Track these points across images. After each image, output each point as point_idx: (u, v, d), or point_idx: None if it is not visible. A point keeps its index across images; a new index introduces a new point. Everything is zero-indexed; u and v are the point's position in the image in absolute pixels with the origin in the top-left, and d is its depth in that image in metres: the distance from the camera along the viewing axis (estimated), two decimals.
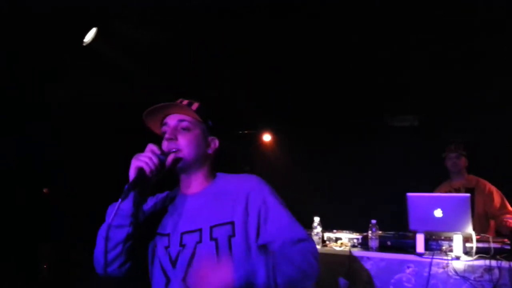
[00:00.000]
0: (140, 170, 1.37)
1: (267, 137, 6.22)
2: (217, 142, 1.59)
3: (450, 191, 3.83)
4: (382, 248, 3.11)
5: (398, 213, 3.91)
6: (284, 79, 4.70)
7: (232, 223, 1.44)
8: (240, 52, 4.06)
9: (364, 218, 3.25)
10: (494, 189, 3.73)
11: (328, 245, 3.31)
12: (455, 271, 2.78)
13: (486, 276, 2.70)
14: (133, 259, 1.48)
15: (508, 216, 3.50)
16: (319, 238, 3.28)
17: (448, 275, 2.79)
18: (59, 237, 4.38)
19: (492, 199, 3.69)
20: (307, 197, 4.97)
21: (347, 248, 3.18)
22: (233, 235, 1.43)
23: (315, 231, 3.28)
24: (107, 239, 1.40)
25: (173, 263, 1.45)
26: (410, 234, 3.11)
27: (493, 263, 2.70)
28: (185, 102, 1.55)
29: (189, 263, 1.42)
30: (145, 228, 1.51)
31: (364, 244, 3.24)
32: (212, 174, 1.60)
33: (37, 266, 4.16)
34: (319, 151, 5.48)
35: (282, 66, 4.41)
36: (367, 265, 3.03)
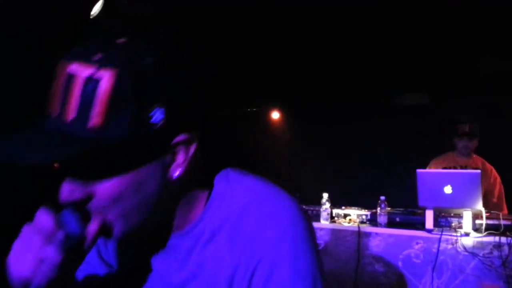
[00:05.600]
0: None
1: (275, 115, 6.19)
2: (191, 149, 0.70)
3: (455, 168, 3.77)
4: (391, 224, 3.12)
5: (408, 190, 3.91)
6: (293, 57, 4.65)
7: None
8: (249, 29, 4.00)
9: (373, 196, 3.25)
10: (498, 181, 3.65)
11: (337, 221, 3.32)
12: (464, 247, 2.78)
13: (495, 253, 2.71)
14: None
15: None
16: (328, 214, 3.29)
17: (457, 251, 2.80)
18: None
19: (493, 189, 3.62)
20: (317, 174, 4.98)
21: (355, 224, 3.19)
22: None
23: (323, 207, 3.29)
24: None
25: None
26: (419, 211, 3.10)
27: (503, 239, 2.70)
28: None
29: None
30: None
31: (372, 220, 3.24)
32: (194, 207, 0.77)
33: None
34: (328, 128, 5.45)
35: (290, 44, 4.36)
36: (376, 241, 3.05)
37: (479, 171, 2.97)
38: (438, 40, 4.08)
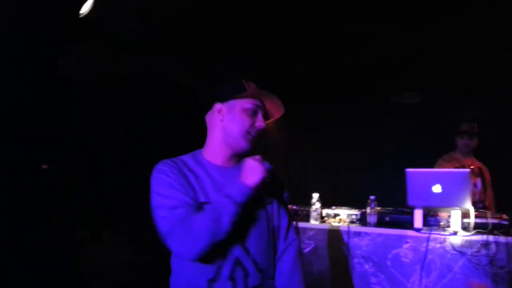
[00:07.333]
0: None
1: None
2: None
3: (464, 167, 3.79)
4: (381, 223, 3.13)
5: (398, 189, 3.90)
6: (286, 57, 4.64)
7: None
8: (245, 28, 3.98)
9: (363, 195, 3.25)
10: (490, 190, 3.73)
11: (327, 221, 3.32)
12: (452, 246, 2.79)
13: (483, 251, 2.72)
14: None
15: None
16: (318, 214, 3.29)
17: (445, 250, 2.81)
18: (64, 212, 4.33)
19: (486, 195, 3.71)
20: (307, 174, 4.98)
21: (345, 224, 3.20)
22: None
23: (313, 207, 3.29)
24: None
25: None
26: (409, 210, 3.11)
27: (490, 238, 2.71)
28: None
29: None
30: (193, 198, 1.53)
31: (362, 220, 3.25)
32: None
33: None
34: (319, 127, 5.46)
35: (288, 43, 4.34)
36: (365, 240, 3.05)
37: (468, 170, 2.99)
38: (435, 39, 4.08)
